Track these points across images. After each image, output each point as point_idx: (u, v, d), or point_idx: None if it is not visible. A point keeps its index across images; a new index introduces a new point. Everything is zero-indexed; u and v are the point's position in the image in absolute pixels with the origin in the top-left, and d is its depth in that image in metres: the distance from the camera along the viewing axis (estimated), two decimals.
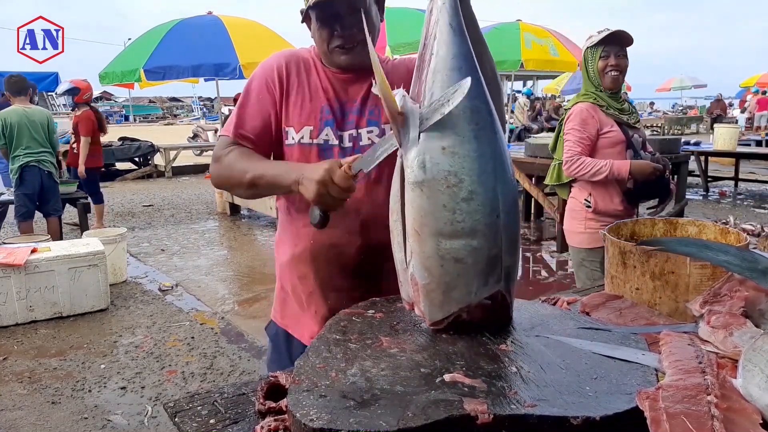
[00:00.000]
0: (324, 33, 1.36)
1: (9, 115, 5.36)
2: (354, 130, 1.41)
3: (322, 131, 1.40)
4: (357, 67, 1.40)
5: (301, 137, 1.40)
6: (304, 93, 1.41)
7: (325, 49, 1.39)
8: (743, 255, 1.18)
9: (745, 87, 23.94)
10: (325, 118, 1.40)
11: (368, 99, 1.42)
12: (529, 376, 0.97)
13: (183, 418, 1.05)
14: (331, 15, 1.33)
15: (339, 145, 1.41)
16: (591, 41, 2.76)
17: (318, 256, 1.44)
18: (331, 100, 1.41)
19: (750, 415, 0.84)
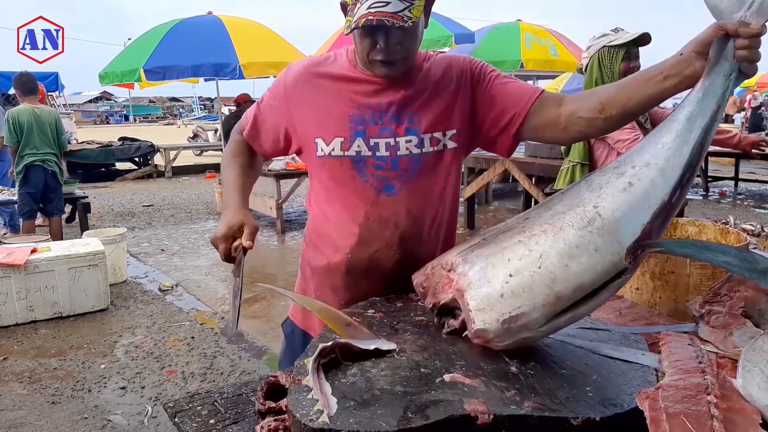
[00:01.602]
0: (366, 43, 1.27)
1: (19, 114, 5.37)
2: (392, 138, 1.32)
3: (353, 143, 1.32)
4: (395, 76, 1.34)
5: (332, 149, 1.33)
6: (329, 103, 1.35)
7: (365, 58, 1.30)
8: (743, 255, 1.18)
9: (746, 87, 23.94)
10: (356, 129, 1.32)
11: (407, 104, 1.33)
12: (529, 376, 0.97)
13: (183, 418, 1.06)
14: (375, 27, 1.22)
15: (373, 156, 1.32)
16: (610, 40, 2.65)
17: (354, 270, 1.39)
18: (361, 108, 1.33)
19: (750, 415, 0.84)
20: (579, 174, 2.82)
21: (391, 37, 1.25)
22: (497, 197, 9.32)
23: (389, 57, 1.27)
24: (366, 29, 1.23)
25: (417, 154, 1.33)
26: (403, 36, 1.26)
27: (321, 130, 1.35)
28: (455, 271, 1.10)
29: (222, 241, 1.26)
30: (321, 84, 1.36)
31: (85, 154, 11.67)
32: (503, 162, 6.32)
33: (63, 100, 16.32)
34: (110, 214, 8.30)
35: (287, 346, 1.59)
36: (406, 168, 1.33)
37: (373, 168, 1.33)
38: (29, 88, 5.55)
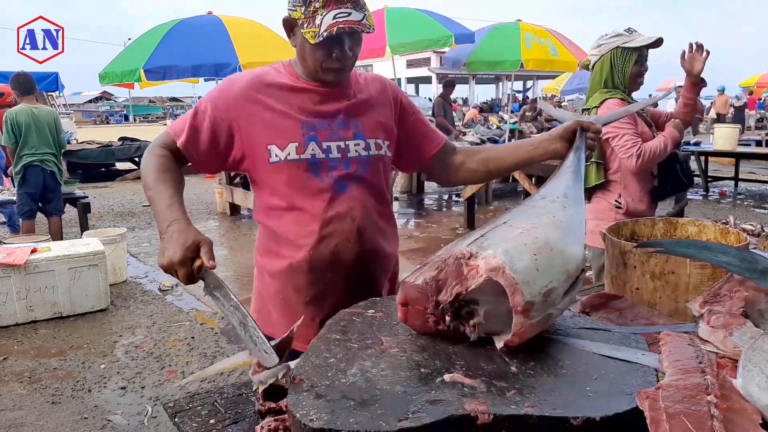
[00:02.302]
0: (321, 53, 1.37)
1: (17, 114, 5.36)
2: (342, 142, 1.44)
3: (308, 147, 1.41)
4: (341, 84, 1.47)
5: (288, 154, 1.40)
6: (280, 110, 1.42)
7: (317, 67, 1.39)
8: (742, 255, 1.18)
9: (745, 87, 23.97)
10: (308, 134, 1.41)
11: (352, 113, 1.47)
12: (529, 376, 0.97)
13: (183, 418, 1.06)
14: (332, 40, 1.34)
15: (326, 158, 1.42)
16: (624, 41, 2.61)
17: (317, 266, 1.44)
18: (310, 115, 1.43)
19: (750, 415, 0.84)
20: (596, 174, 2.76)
21: (346, 45, 1.37)
22: (497, 197, 9.33)
23: (343, 64, 1.40)
24: (327, 39, 1.32)
25: (365, 156, 1.47)
26: (354, 44, 1.39)
27: (273, 137, 1.41)
28: (478, 257, 1.07)
29: (181, 266, 1.16)
30: (269, 95, 1.43)
31: (85, 154, 11.68)
32: None
33: (63, 100, 16.33)
34: (110, 214, 8.30)
35: None
36: (356, 168, 1.46)
37: (327, 169, 1.43)
38: (27, 88, 5.54)
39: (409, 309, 1.12)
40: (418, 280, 1.12)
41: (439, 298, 1.09)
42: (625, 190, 2.71)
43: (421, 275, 1.13)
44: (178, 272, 1.17)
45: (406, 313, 1.13)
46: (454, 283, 1.08)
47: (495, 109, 26.55)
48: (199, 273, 1.16)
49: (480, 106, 26.16)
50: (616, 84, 2.68)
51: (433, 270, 1.11)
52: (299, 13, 1.34)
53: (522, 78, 31.78)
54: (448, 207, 9.12)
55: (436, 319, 1.10)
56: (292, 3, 1.37)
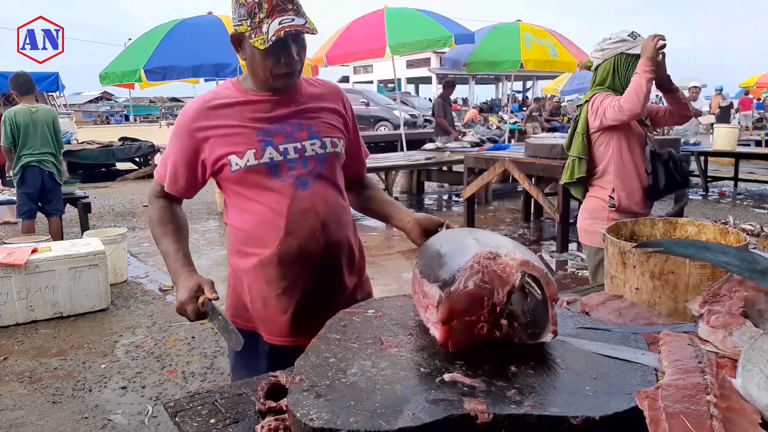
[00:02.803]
0: (270, 61, 1.44)
1: (16, 114, 5.35)
2: (298, 143, 1.52)
3: (265, 151, 1.49)
4: (289, 89, 1.54)
5: (247, 161, 1.48)
6: (234, 122, 1.50)
7: (267, 75, 1.46)
8: (742, 255, 1.18)
9: (745, 87, 23.96)
10: (264, 140, 1.49)
11: (304, 116, 1.55)
12: (528, 375, 0.97)
13: (183, 418, 1.06)
14: (279, 47, 1.42)
15: (284, 159, 1.50)
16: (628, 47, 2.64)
17: (286, 260, 1.51)
18: (263, 122, 1.51)
19: (749, 414, 0.84)
20: (577, 168, 2.83)
21: (293, 50, 1.46)
22: (497, 197, 9.33)
23: (291, 68, 1.47)
24: (276, 45, 1.40)
25: (321, 153, 1.55)
26: (300, 49, 1.48)
27: (232, 148, 1.49)
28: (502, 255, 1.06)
29: (189, 304, 1.40)
30: (221, 113, 1.52)
31: (85, 154, 11.68)
32: (503, 162, 6.32)
33: (63, 101, 16.33)
34: (111, 214, 8.31)
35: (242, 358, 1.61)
36: (314, 166, 1.53)
37: (286, 169, 1.50)
38: (27, 88, 5.53)
39: (454, 325, 1.02)
40: (468, 287, 1.01)
41: (495, 300, 1.02)
42: (619, 184, 2.72)
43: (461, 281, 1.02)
44: (188, 309, 1.40)
45: (450, 332, 1.02)
46: (500, 283, 1.02)
47: (495, 109, 26.58)
48: (203, 307, 1.39)
49: (480, 107, 26.18)
50: (616, 86, 2.69)
51: (474, 273, 1.03)
52: (245, 26, 1.42)
53: (522, 78, 31.80)
54: (448, 207, 9.13)
55: (489, 327, 1.03)
56: (237, 18, 1.44)
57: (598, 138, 2.76)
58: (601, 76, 2.75)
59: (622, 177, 2.72)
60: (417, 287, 1.19)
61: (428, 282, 1.11)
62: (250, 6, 1.40)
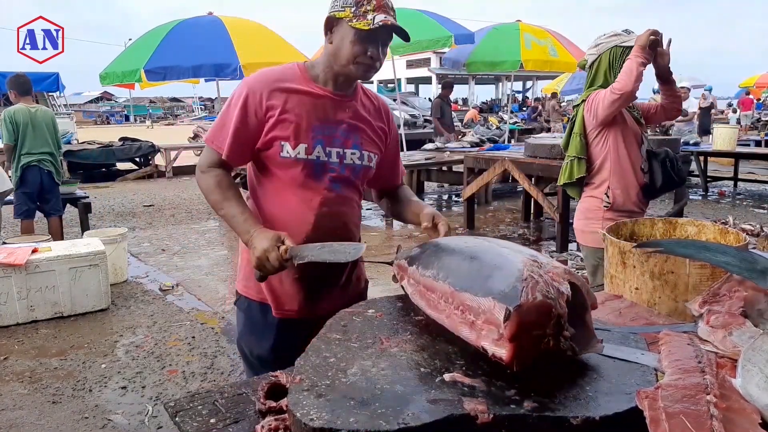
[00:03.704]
0: (358, 48, 1.52)
1: (15, 113, 5.38)
2: (341, 149, 1.62)
3: (315, 148, 1.59)
4: (350, 86, 1.64)
5: (298, 153, 1.57)
6: (297, 111, 1.57)
7: (350, 60, 1.53)
8: (742, 255, 1.18)
9: (745, 87, 23.97)
10: (317, 138, 1.59)
11: (354, 126, 1.65)
12: (528, 375, 0.97)
13: (183, 418, 1.06)
14: (376, 38, 1.53)
15: (328, 161, 1.61)
16: (623, 40, 2.62)
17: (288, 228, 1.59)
18: (321, 120, 1.60)
19: (749, 414, 0.84)
20: (576, 168, 2.81)
21: (381, 48, 1.55)
22: (497, 197, 9.32)
23: (372, 64, 1.55)
24: (371, 35, 1.51)
25: (359, 164, 1.66)
26: (384, 52, 1.58)
27: (288, 135, 1.57)
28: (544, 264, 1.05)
29: (272, 251, 1.43)
30: (286, 98, 1.58)
31: (85, 155, 11.68)
32: (503, 162, 6.32)
33: (64, 101, 16.33)
34: (111, 214, 8.31)
35: (247, 320, 1.77)
36: (349, 173, 1.65)
37: (327, 171, 1.62)
38: (25, 88, 5.57)
39: (521, 342, 0.95)
40: (537, 299, 0.95)
41: (560, 311, 0.96)
42: (614, 182, 2.71)
43: (528, 293, 0.96)
44: (270, 257, 1.43)
45: (516, 350, 0.94)
46: (556, 292, 0.98)
47: (495, 109, 26.56)
48: (285, 255, 1.42)
49: (480, 107, 26.18)
50: (611, 82, 2.66)
51: (536, 284, 0.98)
52: (347, 12, 1.51)
53: (522, 78, 31.77)
54: (448, 207, 9.12)
55: (555, 340, 0.97)
56: (341, 5, 1.53)
57: (595, 137, 2.76)
58: (595, 72, 2.74)
59: (617, 174, 2.71)
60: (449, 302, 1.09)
61: (475, 296, 1.02)
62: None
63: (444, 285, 1.12)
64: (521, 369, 0.95)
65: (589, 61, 2.78)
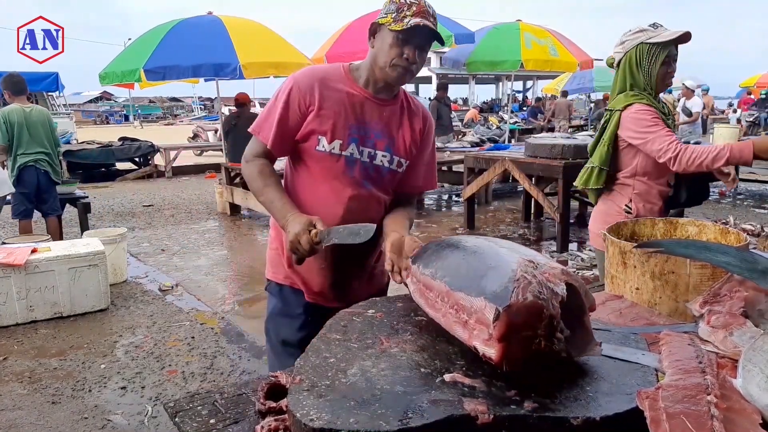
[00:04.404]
0: (395, 51, 1.59)
1: (10, 113, 5.35)
2: (372, 149, 1.71)
3: (349, 146, 1.68)
4: (392, 90, 1.72)
5: (332, 148, 1.67)
6: (336, 109, 1.66)
7: (387, 62, 1.61)
8: (742, 256, 1.18)
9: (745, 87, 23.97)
10: (352, 135, 1.67)
11: (389, 129, 1.72)
12: (528, 376, 0.97)
13: (183, 418, 1.06)
14: (411, 40, 1.59)
15: (360, 159, 1.70)
16: (649, 36, 2.40)
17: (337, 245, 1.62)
18: (358, 120, 1.68)
19: (750, 415, 0.84)
20: (595, 178, 2.61)
21: (417, 52, 1.61)
22: (497, 197, 9.33)
23: (408, 67, 1.62)
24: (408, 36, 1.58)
25: (387, 167, 1.74)
26: (422, 56, 1.63)
27: (326, 130, 1.66)
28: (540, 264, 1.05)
29: (303, 234, 1.51)
30: (329, 94, 1.67)
31: (85, 154, 11.67)
32: (503, 162, 6.32)
33: (63, 100, 16.32)
34: (110, 214, 8.30)
35: (279, 302, 1.87)
36: (378, 173, 1.74)
37: (359, 167, 1.70)
38: (20, 88, 5.53)
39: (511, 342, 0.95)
40: (527, 299, 0.95)
41: (552, 312, 0.96)
42: (638, 195, 2.53)
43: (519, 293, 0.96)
44: (302, 240, 1.51)
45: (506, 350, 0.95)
46: (549, 293, 0.98)
47: (495, 109, 26.56)
48: (316, 238, 1.50)
49: (480, 107, 26.18)
50: (641, 84, 2.47)
51: (528, 284, 0.98)
52: (389, 18, 1.59)
53: (522, 78, 31.79)
54: (448, 207, 9.12)
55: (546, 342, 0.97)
56: (385, 12, 1.62)
57: (625, 147, 2.54)
58: (623, 73, 2.52)
59: (643, 187, 2.53)
60: (444, 301, 1.10)
61: (469, 295, 1.02)
62: (401, 5, 1.59)
63: (441, 284, 1.13)
64: (512, 369, 0.95)
65: (616, 59, 2.57)
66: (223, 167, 8.14)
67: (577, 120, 17.53)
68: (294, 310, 1.82)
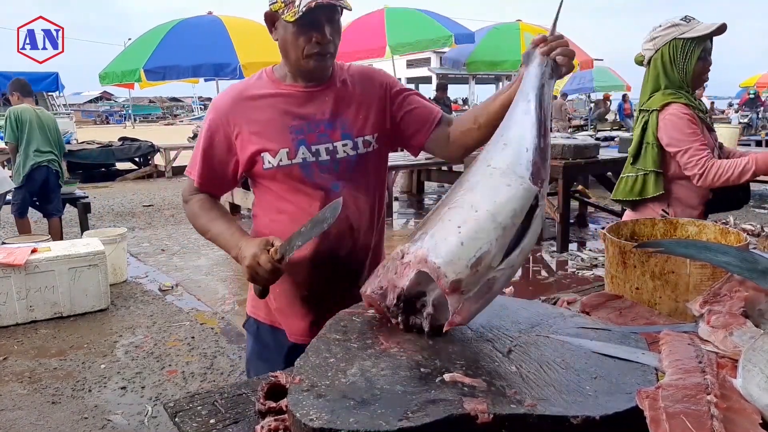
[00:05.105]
0: (302, 39, 1.40)
1: (22, 111, 5.47)
2: (330, 144, 1.48)
3: (298, 151, 1.46)
4: (323, 76, 1.49)
5: (280, 160, 1.46)
6: (268, 117, 1.47)
7: (299, 55, 1.42)
8: (743, 255, 1.18)
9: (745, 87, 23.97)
10: (297, 138, 1.46)
11: (337, 113, 1.50)
12: (528, 375, 0.97)
13: (183, 418, 1.06)
14: (312, 22, 1.37)
15: (317, 161, 1.47)
16: (682, 31, 2.28)
17: (316, 264, 1.51)
18: (298, 119, 1.47)
19: (750, 415, 0.84)
20: (653, 185, 2.38)
21: (326, 30, 1.39)
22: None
23: (324, 49, 1.41)
24: (307, 19, 1.35)
25: (353, 155, 1.51)
26: (333, 30, 1.41)
27: (265, 144, 1.46)
28: (409, 253, 1.12)
29: (261, 254, 1.32)
30: (253, 105, 1.49)
31: (85, 154, 11.68)
32: None
33: (63, 100, 16.32)
34: (110, 214, 8.31)
35: (256, 344, 1.66)
36: (346, 168, 1.50)
37: (318, 171, 1.48)
38: (28, 90, 5.75)
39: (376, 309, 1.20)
40: (367, 291, 1.18)
41: (387, 303, 1.14)
42: (677, 200, 2.39)
43: (369, 285, 1.19)
44: (260, 261, 1.31)
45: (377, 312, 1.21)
46: (392, 286, 1.13)
47: None
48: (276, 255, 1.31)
49: None
50: (676, 82, 2.34)
51: (376, 278, 1.18)
52: (279, 4, 1.38)
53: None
54: None
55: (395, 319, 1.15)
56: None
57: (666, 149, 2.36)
58: (655, 71, 2.37)
59: (682, 194, 2.38)
60: None
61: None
62: None
63: None
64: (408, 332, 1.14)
65: (646, 57, 2.42)
66: None
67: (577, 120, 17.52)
68: (274, 353, 1.59)
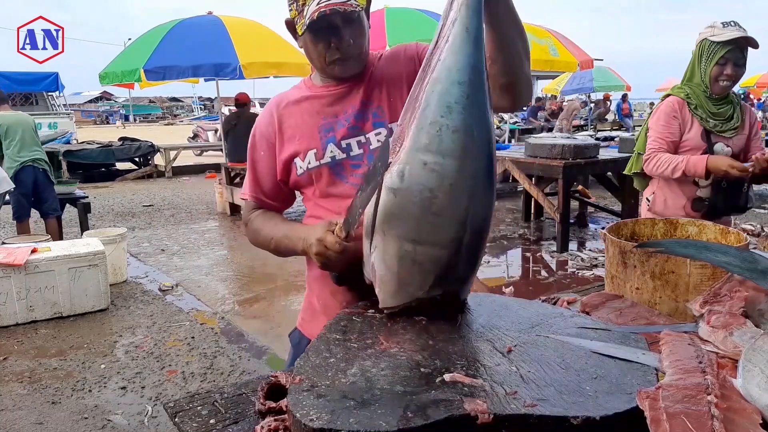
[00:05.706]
0: (320, 46, 1.34)
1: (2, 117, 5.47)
2: (362, 135, 1.40)
3: (326, 150, 1.40)
4: (355, 75, 1.41)
5: (308, 162, 1.41)
6: (298, 120, 1.44)
7: (323, 63, 1.37)
8: (743, 255, 1.18)
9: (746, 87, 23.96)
10: (326, 137, 1.40)
11: (369, 103, 1.41)
12: (529, 375, 0.97)
13: (183, 418, 1.06)
14: (326, 27, 1.31)
15: (348, 157, 1.40)
16: (713, 33, 2.40)
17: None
18: (328, 117, 1.41)
19: (750, 415, 0.84)
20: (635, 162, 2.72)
21: (343, 34, 1.32)
22: (497, 197, 9.29)
23: (345, 54, 1.34)
24: (318, 27, 1.29)
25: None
26: (353, 31, 1.33)
27: (296, 148, 1.43)
28: None
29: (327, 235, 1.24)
30: (288, 112, 1.46)
31: (85, 154, 11.68)
32: (503, 162, 6.32)
33: (63, 100, 16.32)
34: (110, 214, 8.30)
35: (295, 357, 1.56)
36: None
37: (350, 168, 1.40)
38: (2, 97, 5.74)
39: None
40: None
41: None
42: (658, 190, 2.61)
43: None
44: (327, 244, 1.23)
45: None
46: None
47: None
48: (342, 233, 1.22)
49: None
50: (697, 79, 2.47)
51: None
52: (294, 12, 1.33)
53: None
54: None
55: None
56: (288, 2, 1.35)
57: None
58: (690, 63, 2.52)
59: (663, 182, 2.57)
60: None
61: None
62: None
63: None
64: None
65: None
66: (223, 167, 8.14)
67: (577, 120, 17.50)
68: None
